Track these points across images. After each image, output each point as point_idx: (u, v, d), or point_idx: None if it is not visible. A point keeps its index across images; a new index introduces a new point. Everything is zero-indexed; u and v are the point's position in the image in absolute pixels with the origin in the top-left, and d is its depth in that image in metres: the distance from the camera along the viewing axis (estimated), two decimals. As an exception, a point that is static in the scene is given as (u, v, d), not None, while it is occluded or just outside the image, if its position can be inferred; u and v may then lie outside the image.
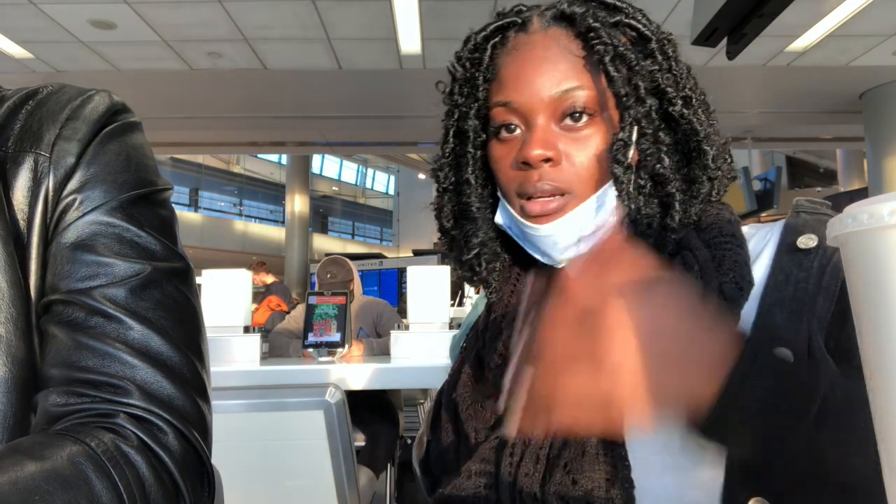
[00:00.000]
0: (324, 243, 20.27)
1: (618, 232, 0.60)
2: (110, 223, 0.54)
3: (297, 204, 13.26)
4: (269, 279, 7.18)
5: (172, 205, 0.62)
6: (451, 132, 0.66)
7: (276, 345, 2.92)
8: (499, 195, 0.64)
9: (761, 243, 0.59)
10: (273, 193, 21.35)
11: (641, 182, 0.60)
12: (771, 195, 7.14)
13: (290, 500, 1.75)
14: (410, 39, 5.25)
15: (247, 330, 2.50)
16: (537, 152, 0.57)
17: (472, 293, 5.46)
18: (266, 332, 3.16)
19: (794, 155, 15.30)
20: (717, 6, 1.34)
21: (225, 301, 2.47)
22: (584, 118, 0.58)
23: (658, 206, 0.60)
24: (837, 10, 4.74)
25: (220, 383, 1.97)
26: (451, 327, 2.53)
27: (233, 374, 2.18)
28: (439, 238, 0.71)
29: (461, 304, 5.52)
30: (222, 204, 20.55)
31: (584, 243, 0.60)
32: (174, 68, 5.85)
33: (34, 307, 0.53)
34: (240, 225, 19.01)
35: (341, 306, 2.53)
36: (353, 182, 24.89)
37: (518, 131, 0.60)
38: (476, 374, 0.65)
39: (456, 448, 0.65)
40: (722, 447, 0.49)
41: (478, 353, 0.65)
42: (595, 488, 0.50)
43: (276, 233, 18.70)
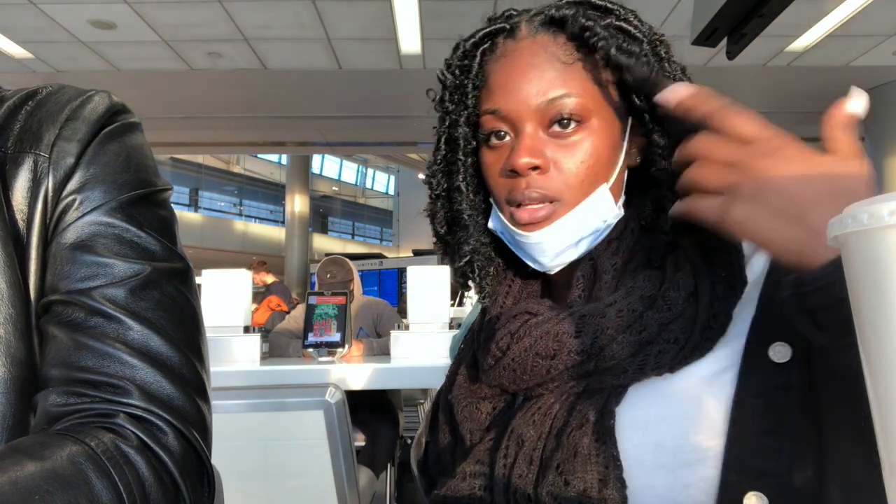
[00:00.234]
0: (324, 243, 20.27)
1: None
2: (110, 223, 0.54)
3: (297, 204, 13.25)
4: (270, 279, 7.18)
5: (172, 205, 0.62)
6: (442, 139, 0.66)
7: (276, 345, 2.92)
8: (491, 201, 0.64)
9: None
10: (273, 193, 21.36)
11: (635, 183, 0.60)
12: (771, 195, 7.12)
13: (290, 500, 1.75)
14: (410, 39, 5.25)
15: (247, 330, 2.50)
16: (524, 160, 0.57)
17: (472, 293, 5.45)
18: (266, 332, 3.16)
19: (794, 155, 15.27)
20: (717, 6, 1.34)
21: (225, 301, 2.47)
22: (573, 125, 0.58)
23: (651, 207, 0.60)
24: (837, 10, 4.74)
25: (220, 383, 1.97)
26: (451, 327, 2.53)
27: (233, 374, 2.18)
28: (434, 243, 0.71)
29: (461, 304, 5.53)
30: (222, 204, 20.56)
31: (580, 248, 0.60)
32: (174, 68, 5.85)
33: (34, 308, 0.53)
34: (240, 225, 19.01)
35: (341, 306, 2.53)
36: (353, 182, 24.90)
37: (508, 138, 0.60)
38: (471, 374, 0.65)
39: (452, 449, 0.65)
40: (717, 444, 0.50)
41: (473, 354, 0.65)
42: (588, 489, 0.50)
43: (276, 233, 18.70)
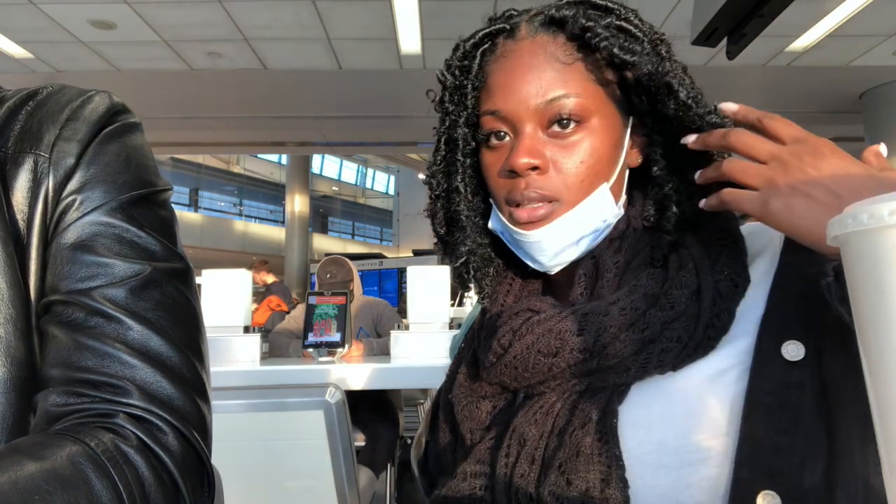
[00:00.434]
0: (324, 243, 20.27)
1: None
2: (110, 223, 0.54)
3: (297, 204, 13.25)
4: (270, 279, 7.17)
5: (172, 205, 0.62)
6: (442, 140, 0.66)
7: (276, 345, 2.92)
8: (491, 201, 0.64)
9: (764, 239, 0.59)
10: (273, 193, 21.35)
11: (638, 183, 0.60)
12: (771, 195, 7.12)
13: (290, 500, 1.75)
14: (410, 39, 5.25)
15: (247, 330, 2.50)
16: (524, 161, 0.57)
17: (472, 293, 5.45)
18: (266, 332, 3.16)
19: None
20: (717, 6, 1.34)
21: (225, 301, 2.47)
22: (572, 125, 0.58)
23: (653, 206, 0.60)
24: (837, 10, 4.73)
25: (220, 383, 1.97)
26: (451, 327, 2.53)
27: (233, 374, 2.18)
28: (435, 244, 0.71)
29: (461, 304, 5.53)
30: (222, 204, 20.55)
31: (581, 247, 0.60)
32: (174, 68, 5.85)
33: (34, 308, 0.53)
34: (240, 225, 19.00)
35: (341, 306, 2.53)
36: (353, 182, 24.90)
37: (507, 139, 0.60)
38: (472, 373, 0.65)
39: (452, 449, 0.65)
40: (720, 443, 0.50)
41: (474, 353, 0.65)
42: (590, 488, 0.50)
43: (276, 233, 18.70)
